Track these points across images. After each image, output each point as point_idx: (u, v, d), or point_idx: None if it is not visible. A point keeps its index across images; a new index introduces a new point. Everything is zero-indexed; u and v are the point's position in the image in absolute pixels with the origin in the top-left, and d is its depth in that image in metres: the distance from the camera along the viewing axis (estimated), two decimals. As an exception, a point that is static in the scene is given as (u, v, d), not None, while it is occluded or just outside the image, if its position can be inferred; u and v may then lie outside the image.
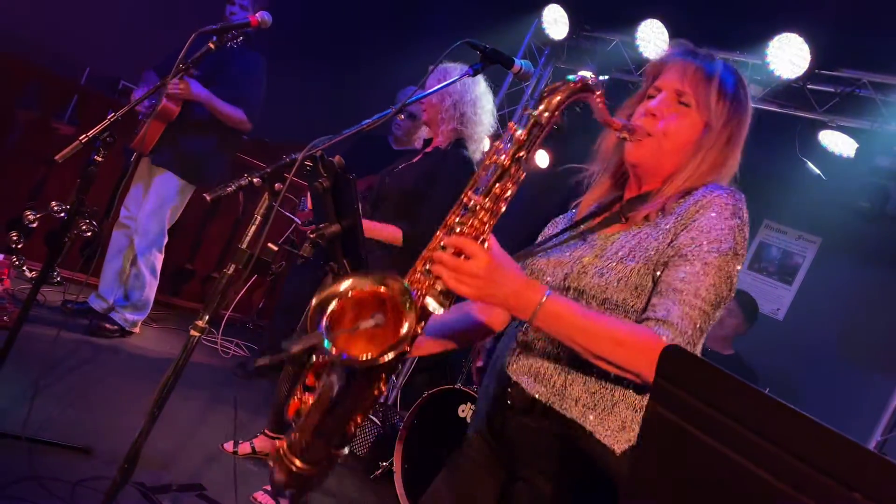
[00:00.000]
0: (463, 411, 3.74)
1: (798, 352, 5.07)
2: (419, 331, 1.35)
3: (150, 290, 4.33)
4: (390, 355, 1.25)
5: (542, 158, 6.48)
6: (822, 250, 5.46)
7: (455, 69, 3.04)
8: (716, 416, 0.91)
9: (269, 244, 2.69)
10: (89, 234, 2.61)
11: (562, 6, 5.13)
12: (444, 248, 1.33)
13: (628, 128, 1.50)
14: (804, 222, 5.46)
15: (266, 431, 3.49)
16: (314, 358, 1.39)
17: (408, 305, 1.28)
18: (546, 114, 1.34)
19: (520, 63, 2.19)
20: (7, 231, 3.77)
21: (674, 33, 4.47)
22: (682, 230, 1.42)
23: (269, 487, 3.14)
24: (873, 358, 4.79)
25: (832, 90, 4.09)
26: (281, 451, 1.39)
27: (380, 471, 3.83)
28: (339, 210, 1.92)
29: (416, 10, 7.41)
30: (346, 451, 1.43)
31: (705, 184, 1.49)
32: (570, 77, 1.38)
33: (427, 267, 1.35)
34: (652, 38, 4.62)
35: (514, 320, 2.02)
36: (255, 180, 1.75)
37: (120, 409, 3.36)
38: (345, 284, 1.33)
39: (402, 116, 4.12)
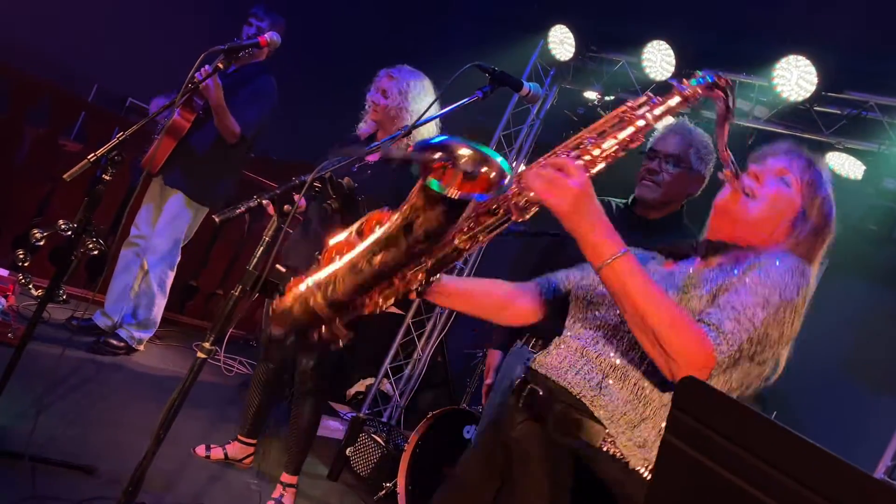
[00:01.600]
0: (468, 432, 3.72)
1: (804, 374, 4.98)
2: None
3: (158, 308, 4.33)
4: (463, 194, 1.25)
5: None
6: (828, 272, 5.40)
7: (413, 74, 3.21)
8: (731, 448, 0.90)
9: (278, 266, 2.68)
10: (96, 252, 2.61)
11: (568, 27, 5.15)
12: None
13: (736, 172, 1.54)
14: (811, 244, 5.43)
15: (239, 437, 3.49)
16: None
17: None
18: (689, 91, 1.41)
19: (528, 86, 2.20)
20: (13, 248, 3.77)
21: (680, 54, 4.48)
22: (751, 270, 1.44)
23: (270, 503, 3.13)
24: (880, 381, 4.75)
25: (839, 112, 4.09)
26: (308, 284, 1.43)
27: (383, 492, 3.80)
28: (348, 232, 1.91)
29: (424, 31, 7.46)
30: (350, 335, 1.45)
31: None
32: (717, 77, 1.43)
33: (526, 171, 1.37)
34: (658, 59, 4.63)
35: (520, 340, 1.99)
36: (264, 202, 1.74)
37: (123, 427, 3.35)
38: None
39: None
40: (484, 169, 1.30)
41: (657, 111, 1.39)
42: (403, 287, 1.45)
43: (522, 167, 1.41)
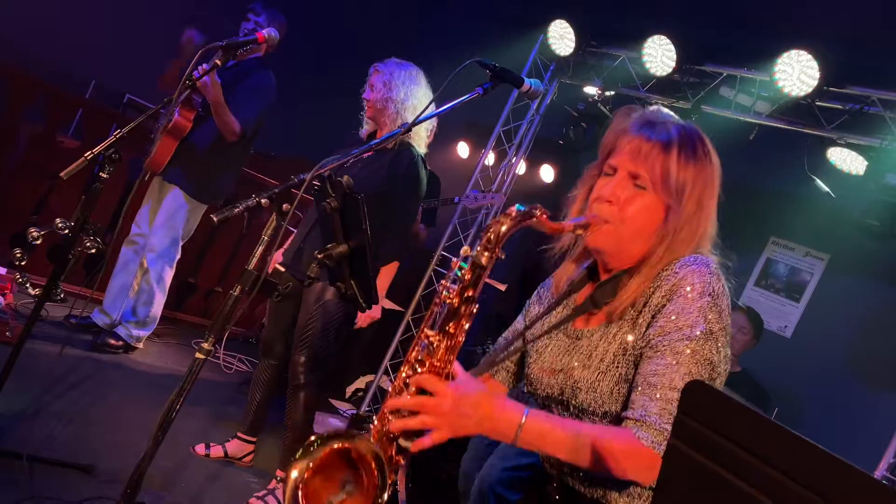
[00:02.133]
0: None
1: (806, 370, 5.02)
2: (401, 461, 1.37)
3: (158, 306, 4.31)
4: None
5: (546, 173, 6.47)
6: (830, 268, 5.42)
7: (399, 65, 3.24)
8: (738, 452, 0.88)
9: (278, 265, 2.66)
10: (93, 250, 2.59)
11: (568, 22, 5.12)
12: (407, 385, 1.35)
13: (580, 225, 1.47)
14: (812, 239, 5.43)
15: (239, 435, 3.49)
16: None
17: (375, 460, 1.29)
18: (486, 254, 1.33)
19: (529, 82, 2.18)
20: (10, 247, 3.75)
21: (681, 49, 4.45)
22: (657, 320, 1.40)
23: (259, 494, 3.11)
24: (882, 377, 4.74)
25: (841, 107, 4.07)
26: None
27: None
28: (347, 230, 1.90)
29: (423, 27, 7.43)
30: None
31: (678, 258, 1.46)
32: (507, 212, 1.35)
33: (390, 418, 1.35)
34: (658, 53, 4.60)
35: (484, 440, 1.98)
36: (262, 201, 1.72)
37: (122, 426, 3.33)
38: (300, 466, 1.30)
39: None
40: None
41: (470, 292, 1.34)
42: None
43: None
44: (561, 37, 5.19)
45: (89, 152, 2.42)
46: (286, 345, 3.32)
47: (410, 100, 3.24)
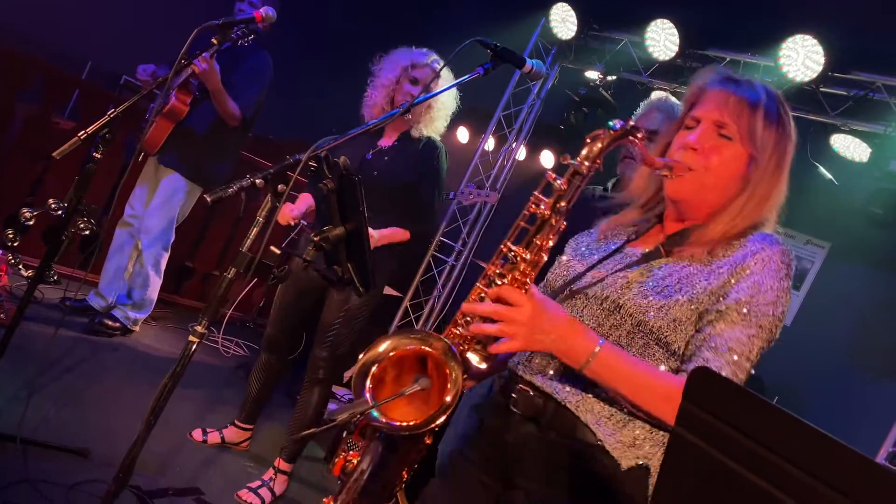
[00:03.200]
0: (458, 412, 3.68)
1: (805, 358, 5.00)
2: (464, 380, 1.36)
3: (154, 288, 4.28)
4: (439, 420, 1.29)
5: (547, 159, 6.43)
6: (830, 256, 5.39)
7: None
8: (745, 441, 0.86)
9: (272, 247, 2.63)
10: (87, 232, 2.55)
11: (570, 5, 5.07)
12: (482, 299, 1.34)
13: (669, 166, 1.45)
14: (813, 227, 5.39)
15: (236, 422, 3.48)
16: (357, 417, 1.39)
17: (453, 366, 1.30)
18: (587, 163, 1.32)
19: (531, 63, 2.13)
20: (4, 228, 3.71)
21: (684, 33, 4.40)
22: (739, 280, 1.38)
23: (252, 485, 3.10)
24: (882, 366, 4.72)
25: (845, 93, 4.02)
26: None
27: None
28: (344, 212, 1.86)
29: (424, 8, 7.36)
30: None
31: (755, 223, 1.46)
32: (611, 124, 1.35)
33: (468, 319, 1.35)
34: (661, 38, 4.55)
35: None
36: (257, 181, 1.69)
37: (117, 409, 3.31)
38: (384, 346, 1.37)
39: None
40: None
41: (563, 203, 1.33)
42: (421, 455, 1.45)
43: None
44: (563, 20, 5.14)
45: (83, 132, 2.39)
46: (291, 343, 3.33)
47: (445, 107, 3.28)
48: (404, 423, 1.31)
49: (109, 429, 3.07)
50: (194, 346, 1.70)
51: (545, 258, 1.36)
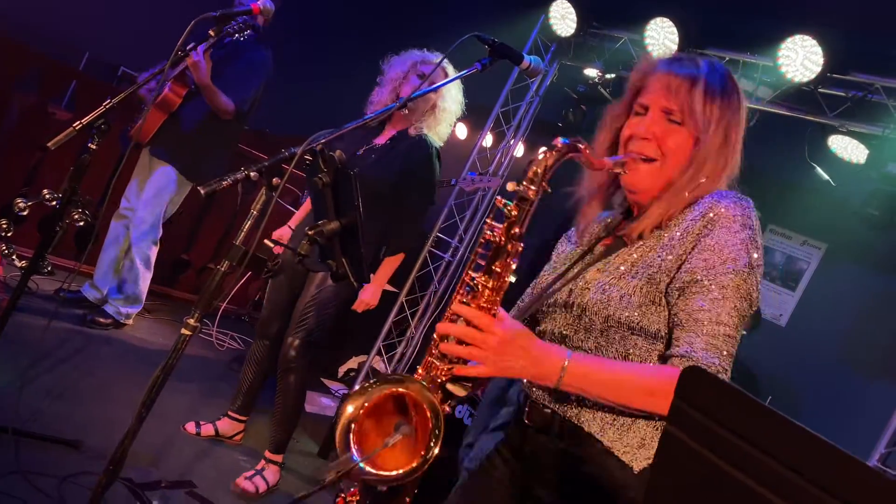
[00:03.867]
0: (459, 412, 3.68)
1: (800, 359, 5.01)
2: (447, 409, 1.37)
3: (144, 282, 4.26)
4: (425, 467, 1.29)
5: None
6: (827, 257, 5.40)
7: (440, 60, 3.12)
8: (736, 441, 0.85)
9: (266, 240, 2.63)
10: (82, 223, 2.54)
11: (570, 2, 5.05)
12: (455, 320, 1.34)
13: (620, 163, 1.46)
14: (810, 228, 5.39)
15: (229, 413, 3.48)
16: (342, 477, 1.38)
17: (429, 400, 1.31)
18: (532, 187, 1.31)
19: (529, 59, 2.13)
20: (-1, 217, 3.70)
21: (684, 32, 4.39)
22: (692, 250, 1.37)
23: (247, 474, 3.10)
24: (876, 367, 4.73)
25: (844, 94, 4.02)
26: None
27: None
28: (339, 207, 1.85)
29: (423, 4, 7.33)
30: None
31: (708, 192, 1.44)
32: (551, 145, 1.33)
33: (440, 350, 1.35)
34: (661, 36, 4.54)
35: None
36: (251, 174, 1.68)
37: (111, 401, 3.30)
38: (353, 406, 1.35)
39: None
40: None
41: (516, 230, 1.32)
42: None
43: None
44: (562, 17, 5.12)
45: (78, 122, 2.37)
46: (283, 326, 3.31)
47: (449, 112, 3.27)
48: (394, 474, 1.31)
49: (103, 421, 3.06)
50: (186, 339, 1.69)
51: (508, 282, 1.35)
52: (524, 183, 1.31)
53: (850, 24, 3.93)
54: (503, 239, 1.32)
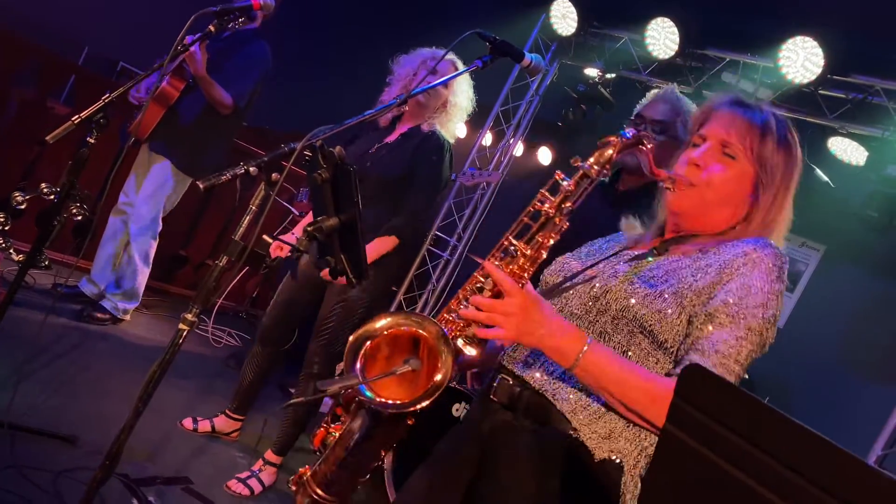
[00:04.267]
0: (457, 410, 3.67)
1: (797, 361, 5.00)
2: (454, 368, 1.37)
3: (142, 277, 4.25)
4: (424, 403, 1.29)
5: (544, 155, 6.41)
6: (825, 259, 5.39)
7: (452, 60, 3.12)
8: (737, 441, 0.85)
9: (265, 236, 2.62)
10: (80, 217, 2.53)
11: (571, 1, 5.05)
12: (480, 289, 1.36)
13: (672, 178, 1.48)
14: (808, 230, 5.39)
15: (227, 411, 3.47)
16: (343, 390, 1.41)
17: (444, 351, 1.31)
18: (596, 167, 1.35)
19: (530, 57, 2.12)
20: (-4, 212, 3.68)
21: (684, 32, 4.39)
22: (728, 281, 1.38)
23: (241, 475, 3.09)
24: (874, 370, 4.73)
25: (844, 96, 4.02)
26: (304, 479, 1.45)
27: (370, 468, 3.75)
28: (339, 203, 1.84)
29: (424, 2, 7.32)
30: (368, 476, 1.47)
31: (755, 235, 1.47)
32: (623, 132, 1.38)
33: (464, 305, 1.36)
34: (661, 36, 4.54)
35: None
36: (251, 169, 1.67)
37: (107, 396, 3.29)
38: (381, 323, 1.39)
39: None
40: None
41: (569, 204, 1.35)
42: (402, 436, 1.46)
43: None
44: (563, 16, 5.12)
45: (77, 116, 2.37)
46: (287, 332, 3.32)
47: (460, 108, 3.25)
48: (391, 402, 1.32)
49: (98, 416, 3.05)
50: (184, 334, 1.69)
51: (544, 255, 1.37)
52: (589, 162, 1.34)
53: (851, 25, 3.93)
54: (554, 211, 1.33)
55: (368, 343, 1.36)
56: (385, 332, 1.37)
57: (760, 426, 0.83)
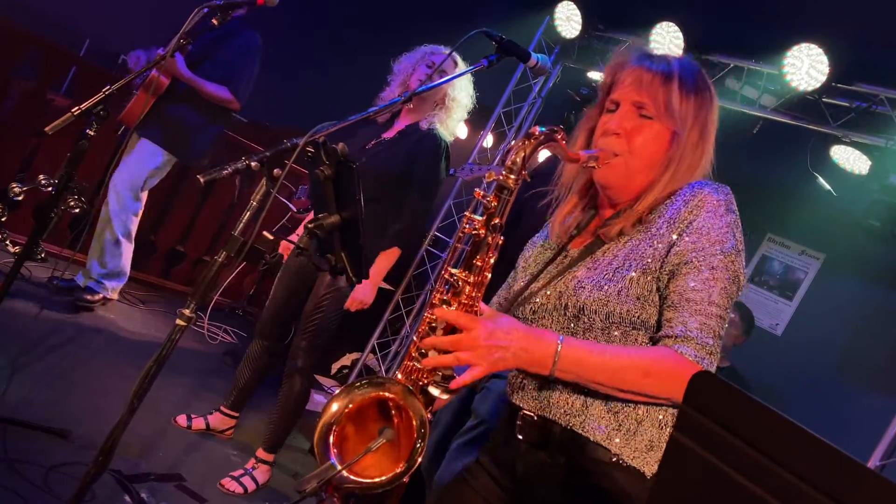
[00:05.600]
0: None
1: (795, 369, 5.00)
2: (429, 416, 1.33)
3: (126, 254, 4.19)
4: (415, 466, 1.26)
5: (545, 157, 6.38)
6: (825, 267, 5.38)
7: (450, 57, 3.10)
8: (746, 449, 0.83)
9: (265, 233, 2.60)
10: (77, 210, 2.51)
11: (576, 4, 5.03)
12: (434, 329, 1.31)
13: (594, 156, 1.44)
14: (809, 238, 5.38)
15: (222, 408, 3.45)
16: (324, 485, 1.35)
17: (414, 404, 1.28)
18: (512, 176, 1.31)
19: (536, 57, 2.11)
20: (-7, 203, 3.66)
21: (689, 37, 4.37)
22: (681, 234, 1.36)
23: (235, 473, 3.06)
24: (872, 380, 4.72)
25: (847, 105, 4.00)
26: None
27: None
28: (340, 200, 1.82)
29: (426, 2, 7.31)
30: None
31: (684, 184, 1.44)
32: (528, 133, 1.33)
33: (423, 352, 1.32)
34: (666, 41, 4.52)
35: None
36: (252, 164, 1.65)
37: (101, 391, 3.27)
38: (337, 405, 1.33)
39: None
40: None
41: (496, 220, 1.31)
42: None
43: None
44: (568, 19, 5.10)
45: (76, 108, 2.34)
46: (284, 327, 3.30)
47: (460, 104, 3.24)
48: (377, 480, 1.28)
49: (92, 411, 3.02)
50: (181, 330, 1.66)
51: (489, 276, 1.33)
52: (503, 172, 1.30)
53: (857, 34, 3.92)
54: (483, 231, 1.30)
55: (335, 427, 1.31)
56: (346, 411, 1.32)
57: (771, 434, 0.81)
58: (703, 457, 0.86)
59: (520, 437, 1.44)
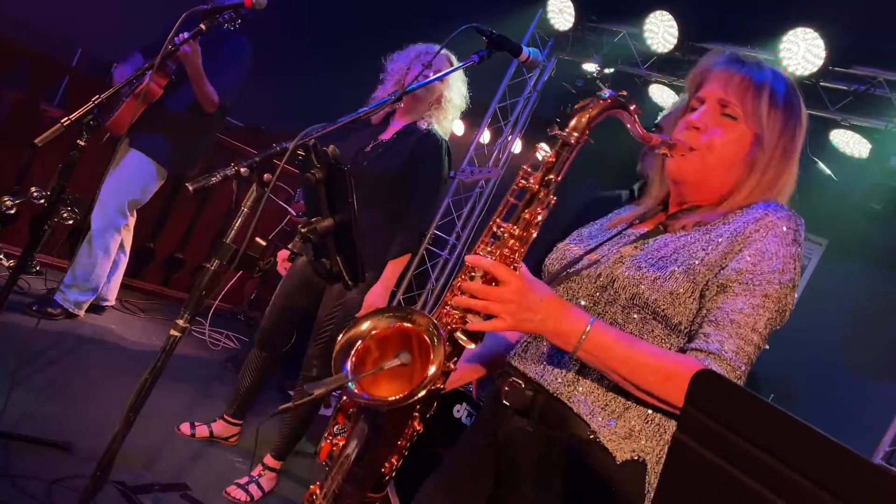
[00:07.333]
0: (458, 412, 3.63)
1: (800, 356, 4.96)
2: (451, 367, 1.32)
3: (101, 269, 4.05)
4: (420, 394, 1.22)
5: (543, 152, 6.37)
6: (828, 252, 5.35)
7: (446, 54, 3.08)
8: (750, 449, 0.81)
9: (257, 238, 2.57)
10: (71, 221, 2.49)
11: (568, -5, 5.00)
12: (472, 277, 1.29)
13: (668, 143, 1.40)
14: (811, 223, 5.26)
15: (225, 416, 3.42)
16: (342, 398, 1.37)
17: (436, 342, 1.25)
18: (575, 133, 1.26)
19: (527, 51, 2.07)
20: (-15, 217, 3.63)
21: (683, 25, 4.34)
22: (741, 249, 1.32)
23: (241, 481, 3.04)
24: (879, 365, 4.69)
25: (846, 88, 3.97)
26: (314, 497, 1.40)
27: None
28: (333, 203, 1.80)
29: (419, -1, 7.28)
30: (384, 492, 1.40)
31: (762, 199, 1.39)
32: (601, 94, 1.29)
33: (454, 303, 1.30)
34: (660, 30, 4.49)
35: None
36: (241, 169, 1.62)
37: (102, 402, 3.25)
38: (368, 323, 1.33)
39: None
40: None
41: (552, 176, 1.28)
42: (409, 440, 1.40)
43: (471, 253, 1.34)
44: (560, 11, 5.07)
45: (66, 118, 2.32)
46: (285, 336, 3.28)
47: (454, 104, 3.21)
48: (385, 398, 1.26)
49: (94, 422, 3.00)
50: (176, 341, 1.64)
51: (535, 234, 1.30)
52: (567, 129, 1.27)
53: (853, 16, 3.88)
54: (538, 186, 1.27)
55: (359, 343, 1.31)
56: (373, 333, 1.32)
57: (776, 433, 0.79)
58: (708, 457, 0.84)
59: (505, 402, 1.45)
